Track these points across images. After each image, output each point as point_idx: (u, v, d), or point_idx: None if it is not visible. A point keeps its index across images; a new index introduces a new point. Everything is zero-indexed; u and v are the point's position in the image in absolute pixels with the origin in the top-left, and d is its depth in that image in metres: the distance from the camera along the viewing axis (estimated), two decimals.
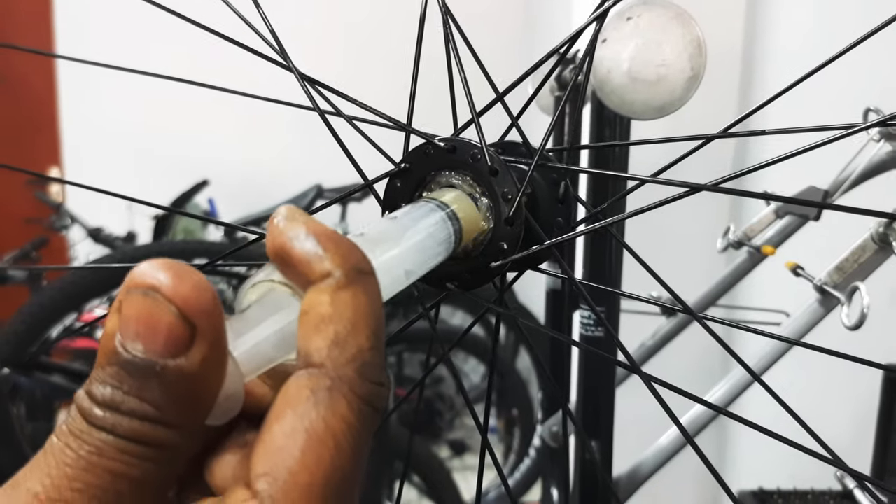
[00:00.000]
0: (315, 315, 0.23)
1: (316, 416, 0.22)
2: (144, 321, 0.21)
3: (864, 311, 0.65)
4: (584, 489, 0.79)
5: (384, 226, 0.32)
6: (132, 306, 0.21)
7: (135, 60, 0.53)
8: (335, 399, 0.22)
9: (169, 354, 0.21)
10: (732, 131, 0.42)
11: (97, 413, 0.21)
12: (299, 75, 0.43)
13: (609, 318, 0.80)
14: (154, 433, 0.21)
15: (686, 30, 0.56)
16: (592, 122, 0.78)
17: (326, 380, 0.23)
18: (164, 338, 0.21)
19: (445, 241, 0.35)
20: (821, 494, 1.13)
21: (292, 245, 0.24)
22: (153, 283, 0.21)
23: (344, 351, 0.23)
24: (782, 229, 0.98)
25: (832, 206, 0.32)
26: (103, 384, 0.21)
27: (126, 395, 0.21)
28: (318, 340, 0.23)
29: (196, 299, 0.22)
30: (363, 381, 0.23)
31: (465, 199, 0.38)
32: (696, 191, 0.37)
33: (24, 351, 1.63)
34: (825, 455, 0.36)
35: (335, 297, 0.24)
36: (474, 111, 0.41)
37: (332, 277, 0.24)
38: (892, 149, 0.83)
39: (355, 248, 0.25)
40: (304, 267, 0.24)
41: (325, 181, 2.71)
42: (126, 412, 0.21)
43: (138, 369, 0.21)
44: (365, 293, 0.24)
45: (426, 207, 0.35)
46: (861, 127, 0.37)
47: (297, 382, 0.23)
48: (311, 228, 0.24)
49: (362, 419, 0.23)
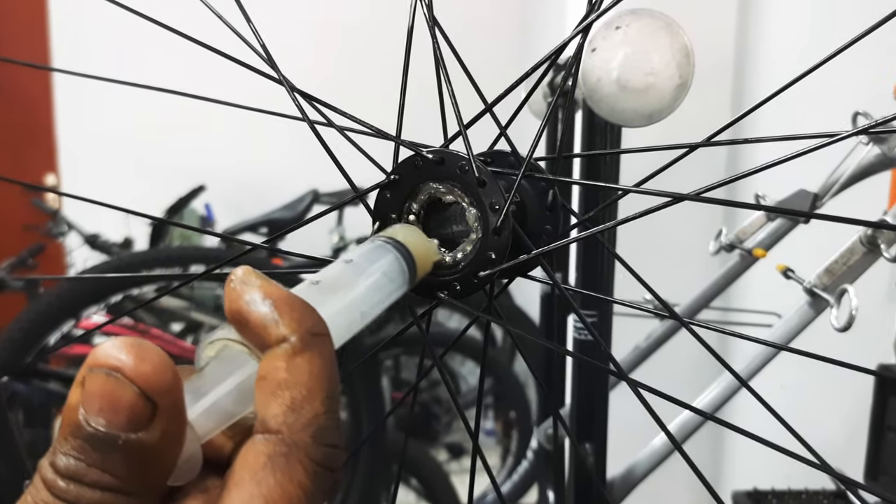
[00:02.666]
0: (272, 381, 0.24)
1: (273, 482, 0.23)
2: (107, 399, 0.22)
3: (852, 313, 0.66)
4: (579, 492, 0.80)
5: (339, 271, 0.33)
6: (95, 384, 0.22)
7: (130, 69, 0.53)
8: (291, 465, 0.23)
9: (131, 429, 0.22)
10: (717, 139, 0.43)
11: (61, 485, 0.22)
12: (290, 87, 0.43)
13: (602, 321, 0.80)
14: (115, 502, 0.22)
15: (674, 39, 0.57)
16: (584, 130, 0.79)
17: (283, 446, 0.24)
18: (125, 415, 0.22)
19: (400, 278, 0.36)
20: (814, 494, 1.14)
21: (249, 309, 0.25)
22: (116, 364, 0.22)
23: (300, 417, 0.24)
24: (773, 232, 0.99)
25: (819, 216, 0.33)
26: (66, 456, 0.22)
27: (89, 467, 0.22)
28: (275, 406, 0.24)
29: (157, 379, 0.22)
30: (318, 445, 0.24)
31: (416, 233, 0.39)
32: (679, 200, 0.38)
33: (22, 358, 1.63)
34: (814, 461, 0.36)
35: (290, 363, 0.24)
36: (461, 123, 0.42)
37: (288, 342, 0.25)
38: (881, 152, 0.84)
39: (309, 312, 0.26)
40: (261, 331, 0.25)
41: (321, 186, 2.71)
42: (89, 483, 0.22)
43: (101, 442, 0.22)
44: (320, 356, 0.25)
45: (380, 248, 0.36)
46: (846, 135, 0.37)
47: (255, 448, 0.24)
48: (267, 292, 0.25)
49: (318, 482, 0.24)
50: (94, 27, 3.14)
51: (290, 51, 0.54)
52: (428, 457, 2.07)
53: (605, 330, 0.81)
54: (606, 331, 0.82)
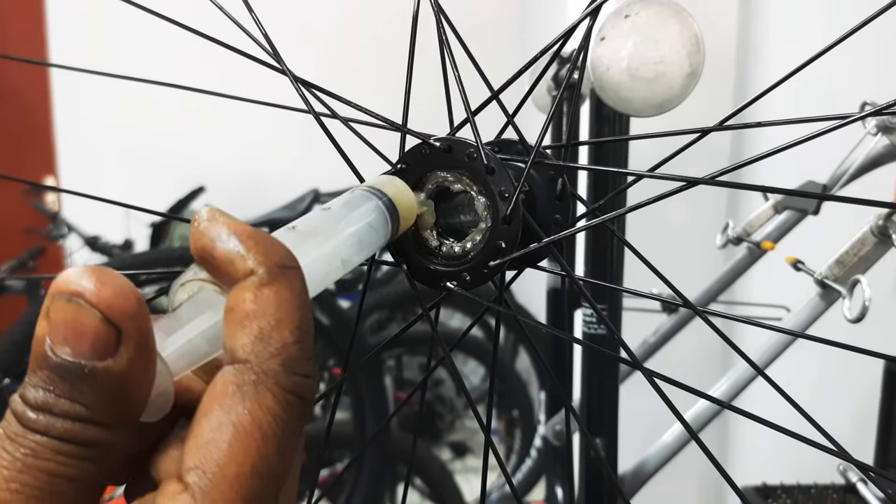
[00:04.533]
0: (239, 312, 0.24)
1: (242, 409, 0.23)
2: (70, 326, 0.22)
3: (865, 303, 0.65)
4: (590, 487, 0.79)
5: (316, 218, 0.32)
6: (58, 312, 0.22)
7: (129, 67, 0.53)
8: (260, 392, 0.23)
9: (96, 357, 0.22)
10: (728, 124, 0.42)
11: (31, 416, 0.22)
12: (293, 78, 0.43)
13: (611, 315, 0.80)
14: (86, 433, 0.22)
15: (683, 27, 0.56)
16: (591, 120, 0.78)
17: (251, 374, 0.23)
18: (90, 341, 0.22)
19: (382, 227, 0.35)
20: (824, 489, 1.13)
21: (214, 245, 0.25)
22: (76, 289, 0.22)
23: (268, 346, 0.24)
24: (781, 224, 0.98)
25: (834, 198, 0.32)
26: (35, 388, 0.22)
27: (58, 397, 0.22)
28: (243, 337, 0.24)
29: (119, 304, 0.22)
30: (288, 374, 0.24)
31: (400, 184, 0.38)
32: (693, 185, 0.37)
33: (24, 360, 1.63)
34: (830, 447, 0.35)
35: (258, 294, 0.24)
36: (469, 110, 0.41)
37: (255, 275, 0.24)
38: (889, 142, 0.83)
39: (277, 245, 0.25)
40: (228, 266, 0.25)
41: (322, 186, 2.71)
42: (58, 413, 0.22)
43: (68, 372, 0.22)
44: (289, 288, 0.25)
45: (360, 195, 0.35)
46: (856, 117, 0.36)
47: (223, 378, 0.24)
48: (233, 228, 0.25)
49: (289, 410, 0.24)
50: (91, 27, 3.13)
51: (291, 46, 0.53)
52: (432, 456, 2.06)
53: (615, 324, 0.80)
54: (616, 324, 0.81)
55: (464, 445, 2.77)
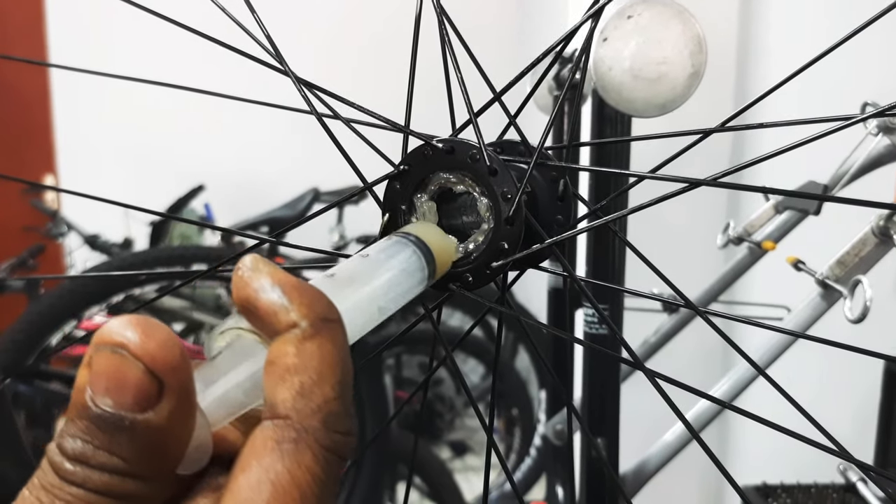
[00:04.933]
0: (281, 365, 0.24)
1: (281, 467, 0.22)
2: (113, 377, 0.22)
3: (866, 303, 0.65)
4: (591, 486, 0.79)
5: (355, 264, 0.32)
6: (101, 363, 0.22)
7: (129, 66, 0.53)
8: (300, 451, 0.23)
9: (138, 409, 0.22)
10: (731, 125, 0.42)
11: (68, 467, 0.22)
12: (295, 79, 0.43)
13: (612, 315, 0.80)
14: (123, 486, 0.22)
15: (686, 27, 0.56)
16: (593, 121, 0.78)
17: (292, 431, 0.23)
18: (132, 394, 0.22)
19: (419, 274, 0.35)
20: (824, 488, 1.13)
21: (258, 296, 0.24)
22: (121, 340, 0.22)
23: (309, 402, 0.23)
24: (782, 224, 0.98)
25: (834, 199, 0.32)
26: (74, 438, 0.22)
27: (96, 449, 0.22)
28: (284, 391, 0.23)
29: (163, 356, 0.22)
30: (328, 431, 0.23)
31: (435, 230, 0.38)
32: (695, 186, 0.37)
33: (24, 359, 1.63)
34: (830, 446, 0.36)
35: (301, 348, 0.24)
36: (471, 111, 0.41)
37: (298, 328, 0.24)
38: (891, 142, 0.83)
39: (321, 297, 0.25)
40: (271, 318, 0.24)
41: (322, 185, 2.70)
42: (96, 466, 0.22)
43: (108, 424, 0.22)
44: (331, 342, 0.24)
45: (397, 242, 0.35)
46: (858, 119, 0.36)
47: (263, 434, 0.23)
48: (276, 279, 0.25)
49: (328, 469, 0.23)
50: (91, 26, 3.13)
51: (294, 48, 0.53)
52: (431, 455, 2.06)
53: (617, 324, 0.80)
54: (618, 325, 0.81)
55: (463, 444, 2.77)
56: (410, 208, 0.41)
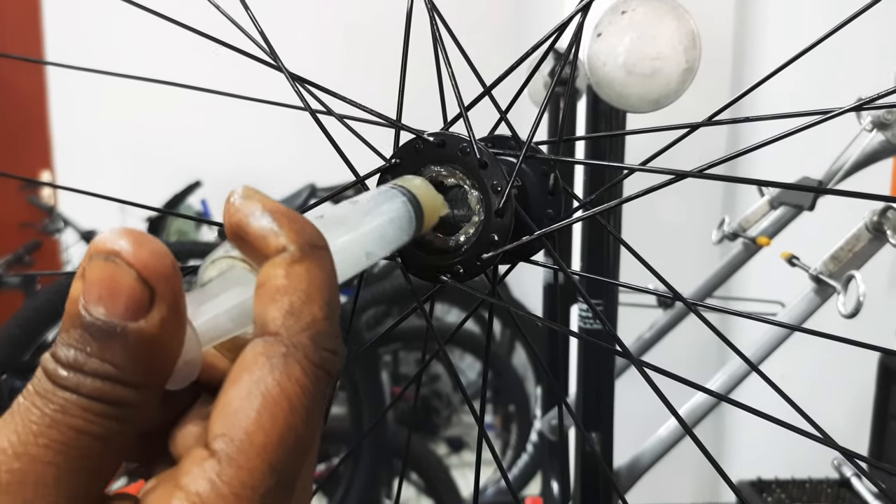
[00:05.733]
0: (270, 287, 0.24)
1: (271, 380, 0.23)
2: (106, 285, 0.22)
3: (860, 298, 0.65)
4: (585, 481, 0.79)
5: (344, 209, 0.33)
6: (94, 271, 0.23)
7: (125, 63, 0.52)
8: (290, 364, 0.23)
9: (129, 317, 0.22)
10: (718, 119, 0.43)
11: (61, 373, 0.22)
12: (289, 75, 0.43)
13: (607, 311, 0.80)
14: (115, 392, 0.22)
15: (680, 23, 0.56)
16: (588, 116, 0.78)
17: (282, 346, 0.24)
18: (124, 300, 0.22)
19: (406, 225, 0.35)
20: (818, 483, 1.13)
21: (248, 222, 0.25)
22: (114, 248, 0.22)
23: (298, 320, 0.24)
24: (777, 220, 0.98)
25: (828, 191, 0.32)
26: (67, 346, 0.22)
27: (89, 356, 0.22)
28: (274, 310, 0.24)
29: (155, 264, 0.23)
30: (317, 348, 0.24)
31: (426, 184, 0.38)
32: (682, 177, 0.37)
33: (21, 355, 1.63)
34: (820, 437, 0.36)
35: (290, 270, 0.24)
36: (462, 105, 0.41)
37: (287, 252, 0.25)
38: (885, 138, 0.83)
39: (309, 224, 0.26)
40: (260, 242, 0.25)
41: (318, 181, 2.70)
42: (89, 372, 0.22)
43: (100, 331, 0.22)
44: (319, 266, 0.25)
45: (387, 192, 0.36)
46: (845, 109, 0.37)
47: (254, 349, 0.24)
48: (267, 206, 0.25)
49: (316, 383, 0.24)
50: (87, 22, 3.12)
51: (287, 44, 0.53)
52: (428, 451, 2.06)
53: (611, 319, 0.80)
54: (612, 320, 0.81)
55: (460, 440, 2.78)
56: None
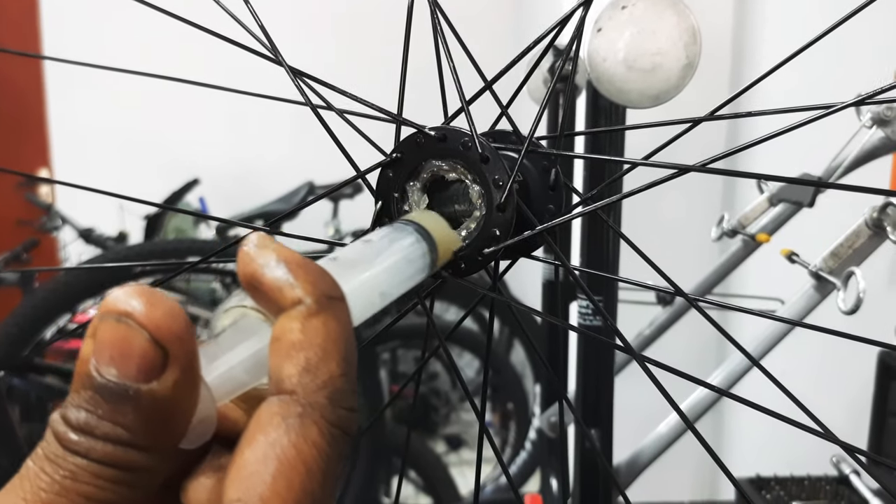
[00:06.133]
0: (286, 342, 0.24)
1: (287, 442, 0.22)
2: (118, 346, 0.22)
3: (860, 295, 0.65)
4: (585, 478, 0.79)
5: (357, 249, 0.32)
6: (106, 332, 0.22)
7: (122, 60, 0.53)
8: (306, 425, 0.23)
9: (142, 379, 0.22)
10: (720, 114, 0.43)
11: (72, 437, 0.22)
12: (289, 69, 0.43)
13: (607, 308, 0.80)
14: (127, 457, 0.22)
15: (681, 18, 0.56)
16: (588, 112, 0.78)
17: (298, 406, 0.23)
18: (136, 362, 0.22)
19: (421, 262, 0.35)
20: (817, 480, 1.13)
21: (263, 273, 0.25)
22: (126, 309, 0.22)
23: (315, 378, 0.23)
24: (776, 217, 0.98)
25: (832, 185, 0.32)
26: (78, 409, 0.22)
27: (100, 419, 0.22)
28: (290, 367, 0.23)
29: (168, 325, 0.22)
30: (334, 407, 0.23)
31: (438, 219, 0.38)
32: (684, 172, 0.37)
33: (18, 353, 1.63)
34: (819, 430, 0.36)
35: (306, 324, 0.24)
36: (463, 99, 0.41)
37: (303, 304, 0.24)
38: (884, 134, 0.83)
39: (325, 275, 0.25)
40: (275, 294, 0.24)
41: (316, 178, 2.70)
42: (100, 436, 0.22)
43: (112, 394, 0.22)
44: (335, 319, 0.24)
45: (400, 228, 0.35)
46: (845, 104, 0.37)
47: (269, 409, 0.23)
48: (282, 256, 0.25)
49: (333, 445, 0.23)
50: (84, 18, 3.12)
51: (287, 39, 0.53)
52: (427, 449, 2.06)
53: (611, 315, 0.80)
54: (612, 316, 0.81)
55: (459, 438, 2.78)
56: (403, 196, 0.41)
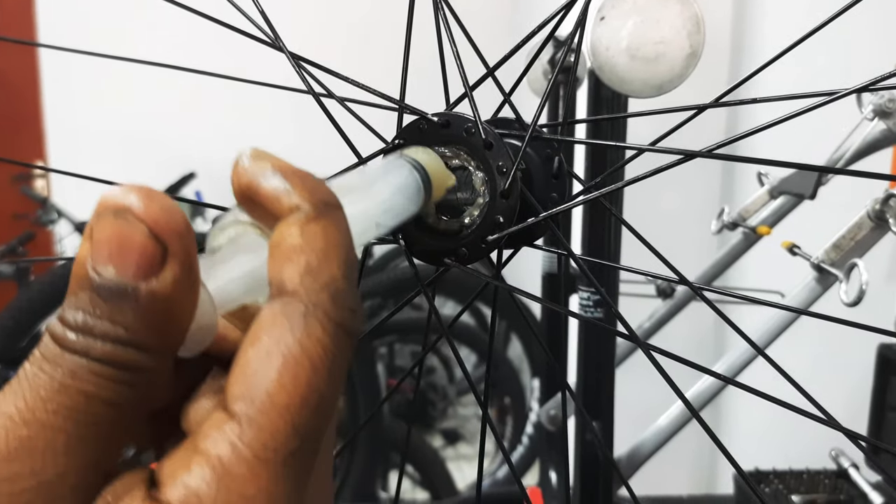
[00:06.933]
0: (286, 246, 0.23)
1: (291, 339, 0.22)
2: (115, 243, 0.21)
3: (863, 287, 0.65)
4: (585, 470, 0.79)
5: (352, 177, 0.32)
6: (103, 229, 0.22)
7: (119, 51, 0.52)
8: (310, 323, 0.22)
9: (140, 276, 0.21)
10: (725, 100, 0.42)
11: (70, 337, 0.21)
12: (289, 55, 0.42)
13: (609, 297, 0.79)
14: (126, 355, 0.21)
15: (684, 7, 0.56)
16: (589, 102, 0.78)
17: (301, 305, 0.23)
18: (135, 259, 0.21)
19: (415, 195, 0.35)
20: (816, 474, 1.13)
21: (259, 182, 0.24)
22: (124, 203, 0.22)
23: (317, 278, 0.23)
24: (777, 210, 0.98)
25: (834, 170, 0.32)
26: (75, 309, 0.21)
27: (98, 318, 0.21)
28: (290, 270, 0.23)
29: (166, 220, 0.22)
30: (337, 306, 0.23)
31: (433, 155, 0.37)
32: (691, 157, 0.37)
33: (15, 345, 1.62)
34: (826, 420, 0.36)
35: (305, 229, 0.24)
36: (467, 84, 0.41)
37: (301, 210, 0.24)
38: (886, 127, 0.83)
39: (322, 184, 0.25)
40: (272, 203, 0.24)
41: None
42: (99, 335, 0.21)
43: (110, 292, 0.21)
44: (334, 225, 0.24)
45: (395, 161, 0.35)
46: (849, 90, 0.37)
47: (272, 309, 0.23)
48: (277, 166, 0.25)
49: (338, 342, 0.23)
50: (81, 8, 3.11)
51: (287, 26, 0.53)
52: (424, 443, 2.06)
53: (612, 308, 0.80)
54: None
55: (456, 433, 2.78)
56: None
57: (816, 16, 0.38)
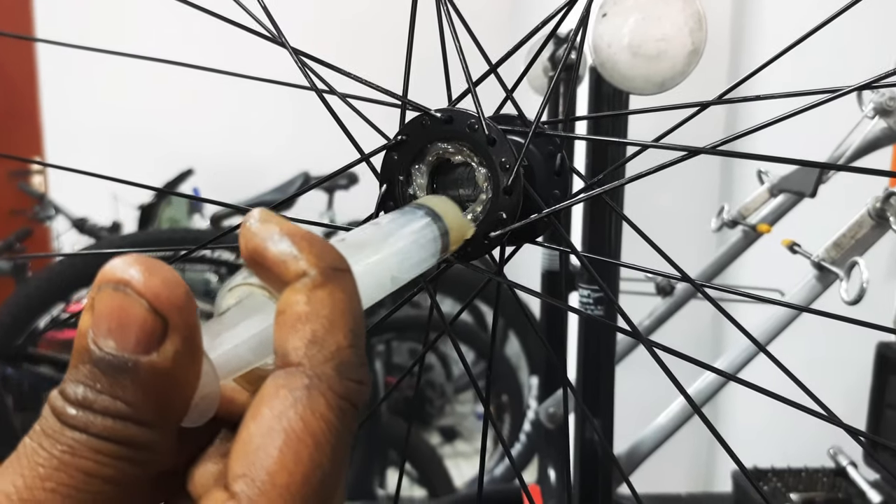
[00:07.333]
0: (291, 314, 0.23)
1: (294, 414, 0.22)
2: (116, 316, 0.21)
3: (863, 285, 0.65)
4: (585, 467, 0.79)
5: (366, 231, 0.32)
6: (104, 302, 0.21)
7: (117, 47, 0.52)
8: (313, 398, 0.22)
9: (141, 350, 0.21)
10: (729, 97, 0.42)
11: (70, 412, 0.21)
12: (291, 50, 0.42)
13: (608, 296, 0.79)
14: (127, 431, 0.21)
15: (686, 4, 0.56)
16: (590, 100, 0.78)
17: (304, 378, 0.22)
18: (135, 333, 0.21)
19: (432, 247, 0.34)
20: (814, 472, 1.14)
21: (266, 247, 0.24)
22: (124, 277, 0.21)
23: (322, 349, 0.23)
24: (777, 208, 0.98)
25: (840, 167, 0.32)
26: (76, 383, 0.21)
27: (99, 393, 0.21)
28: (295, 339, 0.23)
29: (167, 293, 0.21)
30: (342, 379, 0.23)
31: (451, 204, 0.37)
32: (694, 154, 0.37)
33: (12, 342, 1.62)
34: (827, 416, 0.36)
35: (311, 296, 0.23)
36: (470, 80, 0.40)
37: (308, 276, 0.23)
38: (886, 125, 0.83)
39: (330, 247, 0.25)
40: (280, 268, 0.24)
41: (312, 169, 2.69)
42: (99, 410, 0.21)
43: (111, 367, 0.21)
44: (342, 291, 0.24)
45: (410, 212, 0.35)
46: (851, 88, 0.37)
47: (275, 382, 0.22)
48: (285, 229, 0.24)
49: (342, 417, 0.23)
50: (80, 4, 3.10)
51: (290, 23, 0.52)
52: (421, 440, 2.06)
53: (612, 305, 0.80)
54: (613, 306, 0.80)
55: (453, 430, 2.78)
56: (408, 179, 0.40)
57: (816, 13, 0.38)
